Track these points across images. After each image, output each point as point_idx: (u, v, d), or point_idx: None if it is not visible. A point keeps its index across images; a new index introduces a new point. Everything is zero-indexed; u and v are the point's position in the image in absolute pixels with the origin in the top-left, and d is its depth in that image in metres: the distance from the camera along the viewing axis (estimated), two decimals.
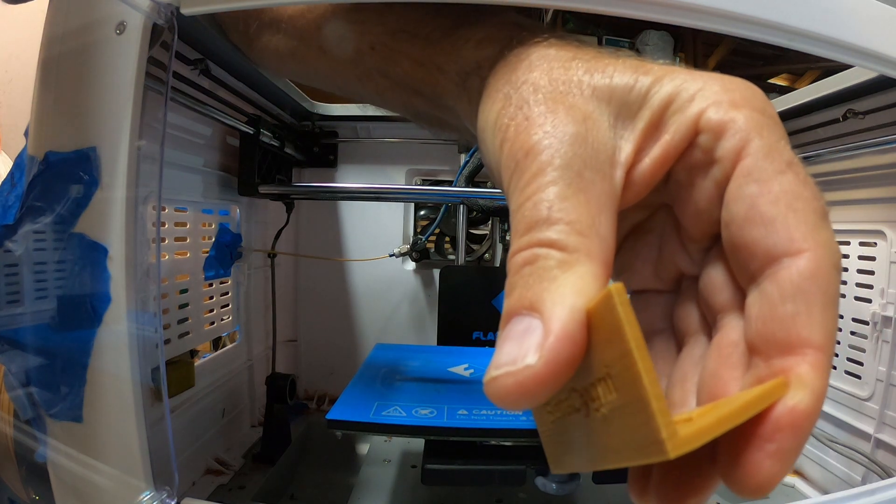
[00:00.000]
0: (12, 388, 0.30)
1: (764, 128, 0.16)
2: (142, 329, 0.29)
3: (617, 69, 0.18)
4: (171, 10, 0.28)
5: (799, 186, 0.15)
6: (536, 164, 0.17)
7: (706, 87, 0.17)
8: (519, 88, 0.19)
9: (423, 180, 0.86)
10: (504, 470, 0.44)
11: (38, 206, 0.29)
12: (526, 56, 0.21)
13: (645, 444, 0.12)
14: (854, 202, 0.60)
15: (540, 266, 0.15)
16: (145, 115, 0.29)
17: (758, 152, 0.16)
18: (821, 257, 0.14)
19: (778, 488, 0.62)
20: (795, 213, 0.15)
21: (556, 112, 0.18)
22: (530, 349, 0.14)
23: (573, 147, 0.17)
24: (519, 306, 0.15)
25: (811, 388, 0.14)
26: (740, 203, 0.15)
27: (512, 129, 0.18)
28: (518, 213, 0.16)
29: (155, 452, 0.29)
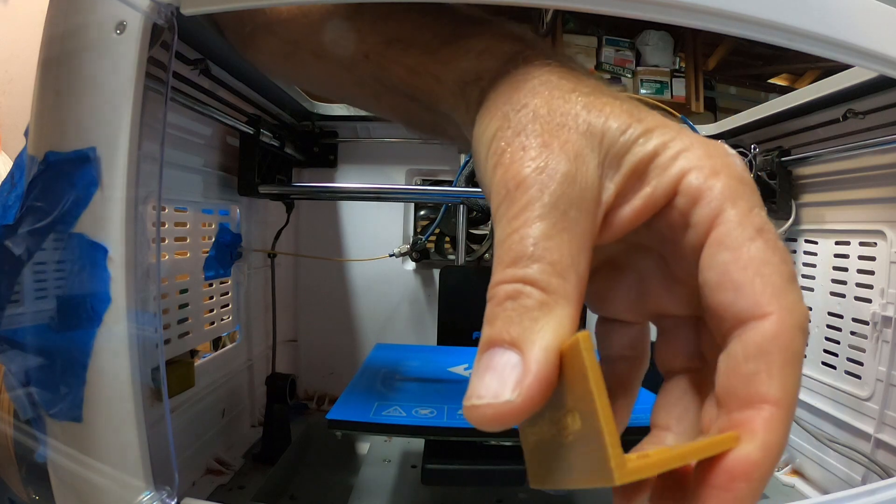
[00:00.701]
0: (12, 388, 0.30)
1: (739, 197, 0.17)
2: (142, 329, 0.29)
3: (613, 111, 0.19)
4: (171, 10, 0.28)
5: (767, 253, 0.16)
6: (526, 197, 0.18)
7: (690, 149, 0.18)
8: (519, 112, 0.20)
9: (423, 180, 0.86)
10: (504, 470, 0.44)
11: (38, 206, 0.29)
12: (529, 78, 0.21)
13: (598, 470, 0.14)
14: (854, 202, 0.60)
15: (522, 304, 0.16)
16: (145, 115, 0.29)
17: (730, 221, 0.17)
18: (784, 320, 0.15)
19: (778, 488, 0.62)
20: (763, 278, 0.16)
21: (551, 147, 0.18)
22: (511, 385, 0.15)
23: (562, 186, 0.18)
24: (500, 339, 0.16)
25: (762, 441, 0.15)
26: (713, 270, 0.17)
27: (507, 155, 0.19)
28: (504, 244, 0.18)
29: (155, 452, 0.29)
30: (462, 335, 0.71)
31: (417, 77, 0.27)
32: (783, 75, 2.57)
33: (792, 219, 0.67)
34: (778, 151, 0.67)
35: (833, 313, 0.61)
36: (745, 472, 0.14)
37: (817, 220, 0.66)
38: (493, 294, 0.17)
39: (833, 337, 0.61)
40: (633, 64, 2.14)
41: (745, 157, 0.64)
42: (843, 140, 0.59)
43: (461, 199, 0.74)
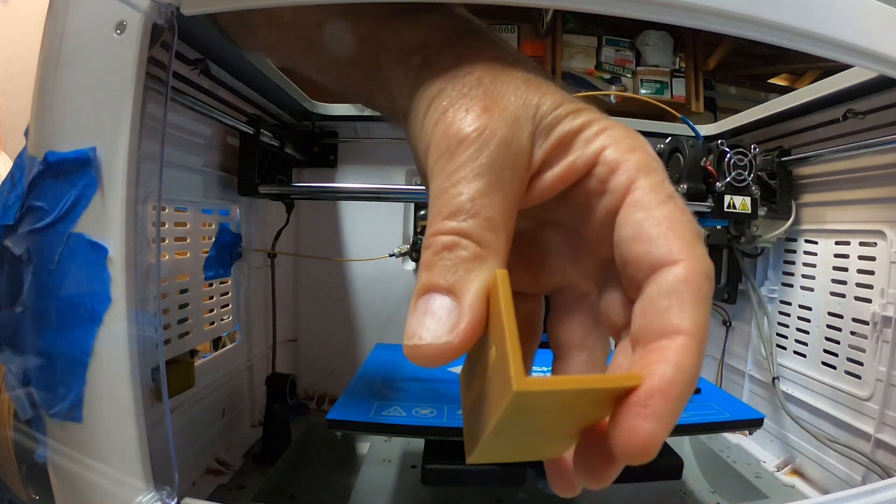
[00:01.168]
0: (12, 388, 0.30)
1: (652, 170, 0.20)
2: (142, 329, 0.29)
3: (548, 90, 0.21)
4: (171, 10, 0.28)
5: (677, 213, 0.18)
6: (466, 155, 0.19)
7: (611, 129, 0.21)
8: (464, 77, 0.21)
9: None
10: (504, 470, 0.44)
11: (38, 206, 0.29)
12: (475, 51, 0.23)
13: (504, 387, 0.15)
14: (854, 202, 0.60)
15: (458, 255, 0.18)
16: (145, 115, 0.29)
17: (644, 187, 0.19)
18: (693, 266, 0.17)
19: (778, 488, 0.62)
20: (674, 232, 0.18)
21: (492, 112, 0.20)
22: (448, 328, 0.17)
23: (500, 148, 0.19)
24: (437, 285, 0.18)
25: (675, 362, 0.16)
26: (629, 227, 0.19)
27: (450, 113, 0.20)
28: (443, 196, 0.19)
29: (155, 452, 0.29)
30: None
31: (365, 45, 0.27)
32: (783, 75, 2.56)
33: (792, 219, 0.67)
34: (778, 151, 0.67)
35: (833, 313, 0.61)
36: (661, 388, 0.15)
37: (817, 220, 0.66)
38: (431, 243, 0.19)
39: (833, 337, 0.61)
40: (633, 64, 2.14)
41: (745, 157, 0.64)
42: (843, 140, 0.59)
43: None
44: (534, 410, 0.16)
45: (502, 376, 0.15)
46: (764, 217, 0.66)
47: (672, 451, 0.49)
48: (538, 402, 0.15)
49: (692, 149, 0.66)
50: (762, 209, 0.66)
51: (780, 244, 0.71)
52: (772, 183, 0.68)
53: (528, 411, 0.16)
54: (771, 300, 0.72)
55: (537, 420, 0.17)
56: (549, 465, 0.20)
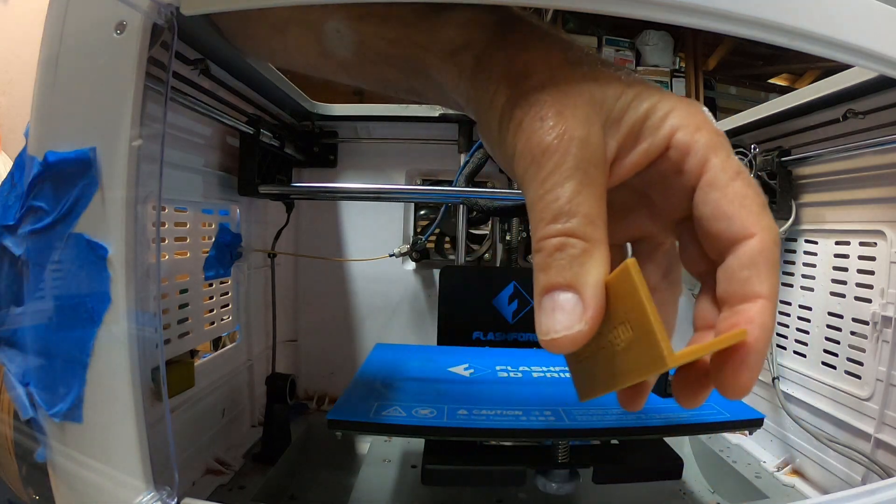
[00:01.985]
0: (12, 388, 0.30)
1: (719, 147, 0.22)
2: (142, 329, 0.29)
3: (608, 80, 0.23)
4: (171, 11, 0.28)
5: (746, 188, 0.21)
6: (552, 162, 0.21)
7: (675, 110, 0.22)
8: (526, 81, 0.23)
9: (423, 180, 0.86)
10: (504, 470, 0.44)
11: (38, 206, 0.29)
12: (525, 47, 0.24)
13: (652, 362, 0.19)
14: (854, 202, 0.60)
15: (569, 253, 0.21)
16: (145, 115, 0.29)
17: (715, 167, 0.22)
18: (764, 238, 0.20)
19: (778, 488, 0.62)
20: (746, 208, 0.21)
21: (565, 115, 0.22)
22: (578, 319, 0.20)
23: (581, 150, 0.21)
24: (558, 284, 0.21)
25: (759, 323, 0.20)
26: (707, 206, 0.22)
27: (526, 123, 0.22)
28: (540, 203, 0.21)
29: (155, 452, 0.29)
30: (462, 335, 0.71)
31: (399, 47, 0.28)
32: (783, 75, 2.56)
33: (792, 219, 0.67)
34: (778, 151, 0.67)
35: (833, 313, 0.61)
36: (754, 346, 0.20)
37: (817, 220, 0.66)
38: (542, 247, 0.21)
39: (833, 337, 0.61)
40: (633, 64, 2.14)
41: (745, 157, 0.64)
42: (843, 140, 0.59)
43: (461, 199, 0.74)
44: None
45: (646, 352, 0.19)
46: None
47: (672, 451, 0.49)
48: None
49: None
50: None
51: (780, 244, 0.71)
52: (772, 183, 0.68)
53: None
54: None
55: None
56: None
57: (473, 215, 0.81)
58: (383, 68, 0.30)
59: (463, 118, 0.79)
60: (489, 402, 0.46)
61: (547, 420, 0.42)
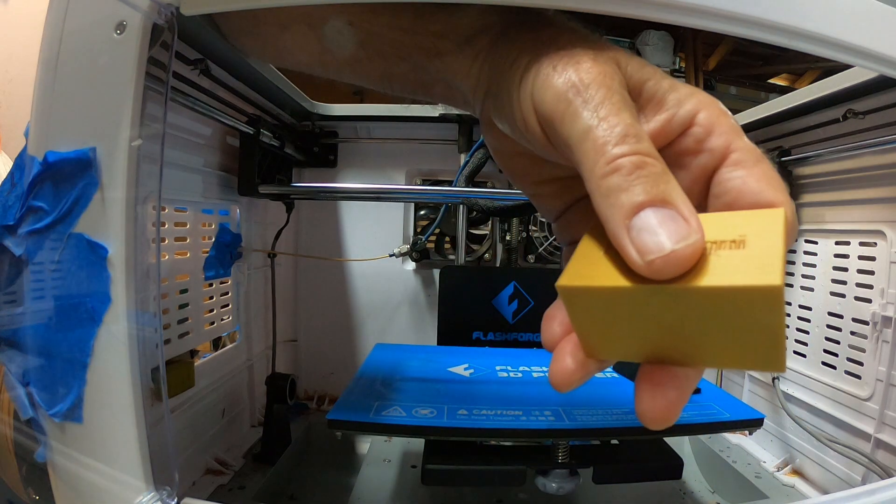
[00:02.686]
0: (12, 388, 0.30)
1: (741, 133, 0.22)
2: (142, 329, 0.29)
3: (631, 55, 0.23)
4: (171, 10, 0.28)
5: (770, 171, 0.21)
6: (601, 93, 0.21)
7: (697, 94, 0.22)
8: (549, 44, 0.23)
9: (423, 180, 0.86)
10: (504, 470, 0.44)
11: (38, 206, 0.29)
12: (546, 25, 0.24)
13: (755, 273, 0.16)
14: (854, 202, 0.60)
15: (651, 171, 0.19)
16: (145, 115, 0.29)
17: (742, 149, 0.22)
18: (792, 209, 0.20)
19: (778, 488, 0.62)
20: (772, 186, 0.21)
21: (599, 61, 0.22)
22: (687, 229, 0.18)
23: (622, 88, 0.21)
24: (652, 200, 0.19)
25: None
26: (734, 181, 0.21)
27: (560, 67, 0.22)
28: (596, 130, 0.20)
29: (155, 452, 0.29)
30: (462, 335, 0.71)
31: (415, 36, 0.28)
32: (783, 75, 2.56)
33: None
34: (778, 151, 0.67)
35: (833, 313, 0.61)
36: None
37: (817, 220, 0.66)
38: (618, 166, 0.19)
39: (833, 337, 0.61)
40: None
41: None
42: (843, 140, 0.59)
43: (461, 199, 0.74)
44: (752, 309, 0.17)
45: (751, 264, 0.16)
46: None
47: (672, 451, 0.49)
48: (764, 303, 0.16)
49: None
50: None
51: None
52: None
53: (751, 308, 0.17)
54: None
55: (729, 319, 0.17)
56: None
57: (473, 215, 0.81)
58: (392, 62, 0.30)
59: (463, 118, 0.79)
60: (489, 402, 0.46)
61: (547, 420, 0.42)
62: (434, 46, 0.27)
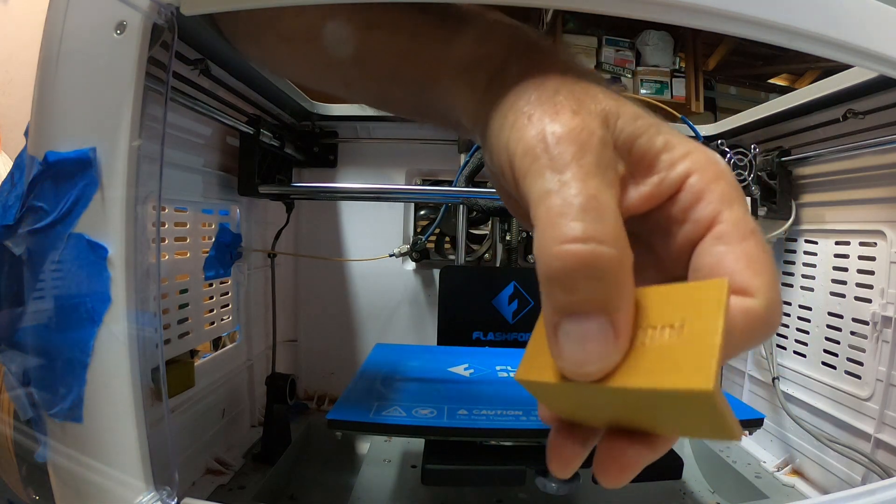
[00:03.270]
0: (12, 388, 0.30)
1: (734, 202, 0.19)
2: (142, 329, 0.29)
3: (625, 102, 0.21)
4: (171, 11, 0.28)
5: (757, 250, 0.19)
6: (570, 152, 0.18)
7: (694, 153, 0.20)
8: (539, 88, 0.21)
9: (423, 180, 0.86)
10: (504, 470, 0.44)
11: (38, 206, 0.29)
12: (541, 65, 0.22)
13: (686, 374, 0.15)
14: (854, 202, 0.60)
15: (601, 268, 0.17)
16: (145, 115, 0.29)
17: (728, 221, 0.19)
18: (768, 300, 0.18)
19: (778, 488, 0.62)
20: (752, 269, 0.18)
21: (581, 114, 0.19)
22: (613, 349, 0.17)
23: (601, 148, 0.19)
24: (587, 308, 0.17)
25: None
26: (710, 257, 0.19)
27: (537, 116, 0.20)
28: (557, 196, 0.18)
29: (155, 452, 0.29)
30: (462, 335, 0.71)
31: (408, 60, 0.27)
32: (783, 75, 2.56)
33: (792, 219, 0.67)
34: (778, 151, 0.67)
35: (833, 313, 0.61)
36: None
37: (817, 220, 0.66)
38: (564, 255, 0.17)
39: (833, 337, 0.61)
40: (633, 64, 2.14)
41: (745, 157, 0.64)
42: (843, 140, 0.59)
43: (461, 199, 0.74)
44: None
45: (684, 362, 0.15)
46: (764, 217, 0.66)
47: (672, 451, 0.49)
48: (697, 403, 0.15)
49: None
50: (762, 209, 0.66)
51: (781, 244, 0.71)
52: (772, 183, 0.68)
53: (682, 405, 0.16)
54: None
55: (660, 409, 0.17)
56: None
57: (473, 215, 0.81)
58: (389, 86, 0.29)
59: None
60: (489, 402, 0.46)
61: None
62: (429, 74, 0.26)
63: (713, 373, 0.15)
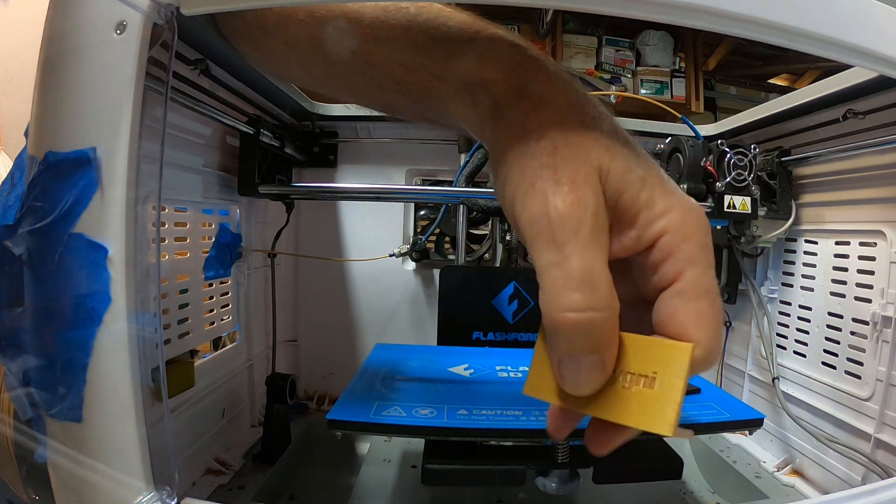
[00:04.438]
0: (12, 388, 0.30)
1: (698, 261, 0.23)
2: (142, 329, 0.29)
3: (617, 152, 0.23)
4: (171, 10, 0.28)
5: (707, 309, 0.23)
6: (569, 228, 0.21)
7: (671, 211, 0.23)
8: (539, 142, 0.23)
9: (423, 180, 0.86)
10: (504, 470, 0.44)
11: (38, 206, 0.29)
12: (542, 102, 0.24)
13: (652, 418, 0.21)
14: (854, 202, 0.60)
15: (597, 328, 0.21)
16: (145, 115, 0.29)
17: (687, 280, 0.23)
18: (708, 350, 0.22)
19: (778, 488, 0.62)
20: (699, 325, 0.22)
21: (577, 181, 0.22)
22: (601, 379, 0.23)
23: (595, 217, 0.22)
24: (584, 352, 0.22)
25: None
26: (668, 308, 0.23)
27: (538, 185, 0.22)
28: (559, 269, 0.21)
29: (155, 452, 0.29)
30: (462, 335, 0.71)
31: (413, 73, 0.28)
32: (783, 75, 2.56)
33: (792, 219, 0.67)
34: (778, 151, 0.67)
35: (833, 313, 0.61)
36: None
37: (817, 220, 0.66)
38: (565, 321, 0.21)
39: (833, 337, 0.61)
40: (633, 64, 2.14)
41: (745, 157, 0.64)
42: (843, 140, 0.59)
43: (461, 199, 0.74)
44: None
45: (653, 410, 0.22)
46: (764, 217, 0.66)
47: (672, 451, 0.49)
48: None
49: (692, 149, 0.66)
50: (762, 209, 0.66)
51: (780, 244, 0.71)
52: (772, 183, 0.68)
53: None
54: (771, 300, 0.72)
55: None
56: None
57: (473, 215, 0.81)
58: (394, 95, 0.30)
59: None
60: (489, 402, 0.46)
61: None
62: (433, 87, 0.28)
63: (674, 421, 0.21)
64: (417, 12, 0.27)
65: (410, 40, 0.27)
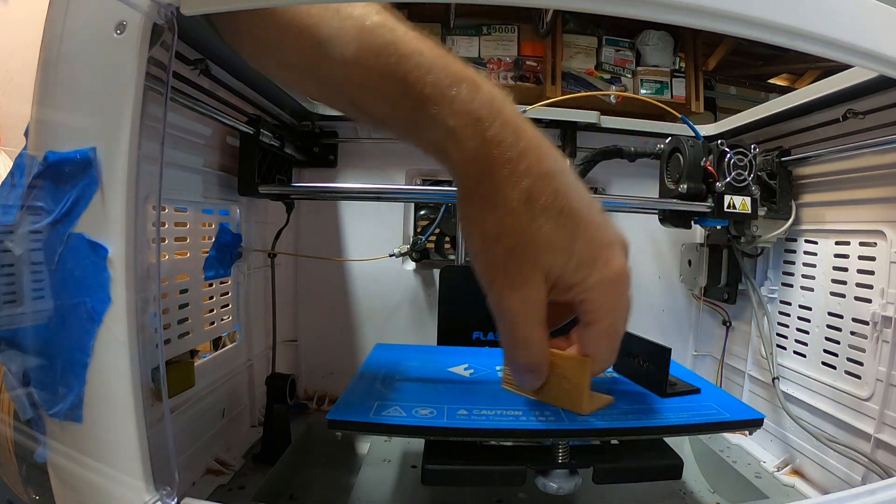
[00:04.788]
0: (12, 388, 0.30)
1: (607, 316, 0.36)
2: (142, 329, 0.29)
3: (561, 244, 0.32)
4: (171, 10, 0.28)
5: (604, 340, 0.37)
6: (520, 318, 0.34)
7: (595, 288, 0.34)
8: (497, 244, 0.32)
9: (423, 180, 0.86)
10: (504, 470, 0.44)
11: (38, 206, 0.29)
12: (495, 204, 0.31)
13: (576, 401, 0.41)
14: (854, 202, 0.60)
15: (538, 366, 0.38)
16: (145, 115, 0.29)
17: (597, 324, 0.36)
18: (600, 362, 0.38)
19: (778, 488, 0.62)
20: (598, 348, 0.37)
21: (528, 283, 0.33)
22: (539, 382, 0.40)
23: (540, 309, 0.34)
24: (529, 370, 0.38)
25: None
26: (582, 334, 0.37)
27: (497, 286, 0.33)
28: (514, 337, 0.35)
29: (155, 452, 0.29)
30: (462, 335, 0.71)
31: (394, 119, 0.33)
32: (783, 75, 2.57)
33: (792, 219, 0.67)
34: (778, 151, 0.67)
35: (833, 313, 0.61)
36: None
37: (817, 220, 0.66)
38: (521, 358, 0.37)
39: (833, 337, 0.61)
40: (633, 64, 2.13)
41: (745, 156, 0.64)
42: (843, 140, 0.59)
43: None
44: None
45: (571, 398, 0.41)
46: (764, 217, 0.66)
47: (672, 451, 0.49)
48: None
49: (692, 149, 0.66)
50: (762, 209, 0.66)
51: (780, 244, 0.71)
52: (772, 183, 0.68)
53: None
54: (771, 300, 0.72)
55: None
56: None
57: None
58: (379, 124, 0.35)
59: None
60: (489, 402, 0.46)
61: (547, 420, 0.42)
62: (410, 135, 0.33)
63: (585, 405, 0.41)
64: (398, 61, 0.30)
65: (388, 95, 0.31)
